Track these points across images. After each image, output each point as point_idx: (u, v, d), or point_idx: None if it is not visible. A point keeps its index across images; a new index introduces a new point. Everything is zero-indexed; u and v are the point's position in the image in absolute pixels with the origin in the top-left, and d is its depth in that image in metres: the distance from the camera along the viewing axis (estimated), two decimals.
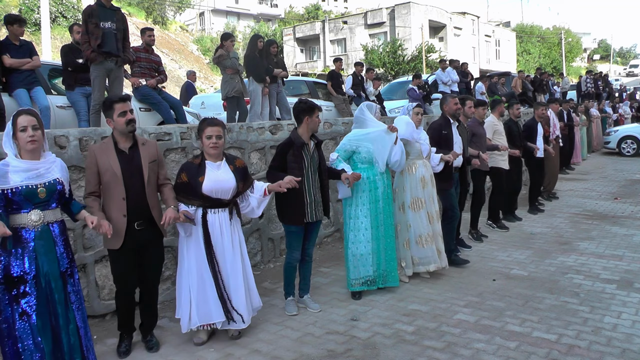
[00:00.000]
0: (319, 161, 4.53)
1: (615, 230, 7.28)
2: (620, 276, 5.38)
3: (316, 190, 4.47)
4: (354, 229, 4.86)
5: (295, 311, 4.57)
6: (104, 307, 4.54)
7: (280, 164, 4.36)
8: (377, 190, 4.88)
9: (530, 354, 3.74)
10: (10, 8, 21.80)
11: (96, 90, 5.86)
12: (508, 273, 5.56)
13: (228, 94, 7.75)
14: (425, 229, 5.34)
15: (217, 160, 3.97)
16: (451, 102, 5.87)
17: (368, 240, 4.84)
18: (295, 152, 4.35)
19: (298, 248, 4.54)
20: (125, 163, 3.64)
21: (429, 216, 5.40)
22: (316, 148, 4.53)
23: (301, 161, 4.35)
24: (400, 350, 3.84)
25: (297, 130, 4.47)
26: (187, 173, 3.90)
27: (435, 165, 5.60)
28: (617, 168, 13.68)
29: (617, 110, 19.22)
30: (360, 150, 4.86)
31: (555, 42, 48.47)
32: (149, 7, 32.67)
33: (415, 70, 26.91)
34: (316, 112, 4.43)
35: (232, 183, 3.95)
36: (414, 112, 5.53)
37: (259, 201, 4.13)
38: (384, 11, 35.70)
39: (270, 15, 48.58)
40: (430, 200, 5.44)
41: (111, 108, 3.60)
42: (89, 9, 5.82)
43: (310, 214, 4.44)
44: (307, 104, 4.47)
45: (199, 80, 29.04)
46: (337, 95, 10.70)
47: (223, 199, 3.94)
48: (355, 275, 4.87)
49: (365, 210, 4.84)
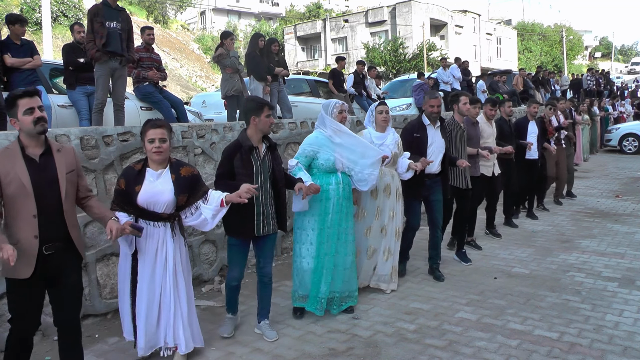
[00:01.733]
0: (272, 167, 3.97)
1: (616, 228, 7.27)
2: (621, 274, 5.37)
3: (268, 200, 3.94)
4: (299, 241, 4.39)
5: (228, 333, 4.09)
6: (105, 305, 4.55)
7: (228, 171, 3.85)
8: (329, 201, 4.32)
9: (531, 352, 3.73)
10: (11, 7, 21.81)
11: (100, 90, 5.88)
12: (509, 271, 5.55)
13: (227, 93, 7.75)
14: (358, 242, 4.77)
15: (160, 167, 3.48)
16: (427, 103, 5.24)
17: (312, 256, 4.32)
18: (243, 156, 3.83)
19: (240, 265, 4.02)
20: (36, 173, 2.92)
21: (372, 230, 4.89)
22: (269, 152, 3.99)
23: (250, 167, 3.83)
24: (402, 349, 3.84)
25: (245, 131, 3.95)
26: (126, 180, 3.46)
27: (402, 173, 5.01)
28: (618, 166, 13.67)
29: (617, 108, 19.13)
30: (319, 156, 4.36)
31: (557, 40, 48.38)
32: (150, 5, 32.71)
33: (416, 68, 26.92)
34: (265, 110, 3.87)
35: (169, 196, 3.44)
36: (377, 112, 4.93)
37: (214, 213, 3.60)
38: (385, 9, 35.68)
39: (271, 13, 48.55)
40: (380, 213, 4.90)
41: (14, 105, 2.91)
42: (95, 8, 5.86)
43: (260, 227, 3.90)
44: (254, 102, 4.01)
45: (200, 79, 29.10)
46: (338, 93, 10.69)
47: (160, 213, 3.47)
48: (295, 290, 4.46)
49: (313, 222, 4.34)
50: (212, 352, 3.86)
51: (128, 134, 4.80)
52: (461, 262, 5.87)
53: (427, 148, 5.14)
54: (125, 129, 4.85)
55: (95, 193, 4.50)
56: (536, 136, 7.71)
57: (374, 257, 4.95)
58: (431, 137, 5.18)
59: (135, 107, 6.63)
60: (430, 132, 5.18)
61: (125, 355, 3.87)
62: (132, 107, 6.51)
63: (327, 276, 4.32)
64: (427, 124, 5.18)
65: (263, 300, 4.17)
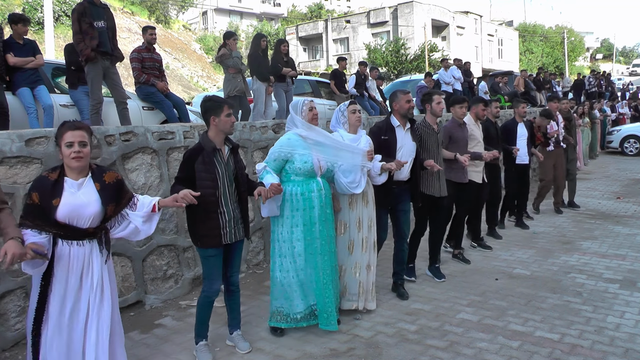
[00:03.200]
0: (236, 170, 3.72)
1: (618, 230, 7.27)
2: (623, 276, 5.37)
3: (235, 206, 3.68)
4: (282, 254, 4.05)
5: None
6: None
7: (187, 175, 3.53)
8: (314, 210, 4.02)
9: (532, 354, 3.73)
10: (13, 7, 21.85)
11: (95, 89, 5.85)
12: (511, 272, 5.55)
13: (230, 93, 7.76)
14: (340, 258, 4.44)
15: (80, 176, 2.98)
16: (402, 99, 4.69)
17: (301, 269, 4.02)
18: (206, 159, 3.55)
19: (219, 277, 3.70)
20: None
21: (355, 243, 4.45)
22: (232, 154, 3.74)
23: (214, 170, 3.56)
24: (403, 350, 3.84)
25: (207, 133, 3.67)
26: (40, 192, 2.88)
27: (375, 176, 4.52)
28: (619, 167, 13.67)
29: (617, 110, 19.07)
30: (295, 159, 4.00)
31: (558, 41, 48.38)
32: (152, 6, 32.72)
33: (418, 69, 26.96)
34: (225, 110, 3.60)
35: (95, 207, 2.96)
36: (350, 111, 4.44)
37: (144, 219, 3.20)
38: (386, 10, 35.72)
39: (273, 14, 48.58)
40: (361, 224, 4.45)
41: None
42: (81, 8, 5.76)
43: (229, 234, 3.63)
44: (212, 101, 3.69)
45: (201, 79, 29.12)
46: (340, 94, 10.70)
47: (85, 228, 2.97)
48: (278, 308, 4.11)
49: (298, 233, 4.01)
50: (214, 352, 3.86)
51: (130, 133, 4.81)
52: (434, 277, 5.39)
53: (397, 152, 4.67)
54: (127, 128, 4.86)
55: None
56: (526, 139, 7.22)
57: (360, 274, 4.46)
58: (400, 139, 4.71)
59: (137, 107, 6.64)
60: (400, 134, 4.72)
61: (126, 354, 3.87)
62: (134, 107, 6.52)
63: (316, 289, 4.05)
64: (396, 126, 4.72)
65: (233, 311, 3.95)
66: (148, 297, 4.82)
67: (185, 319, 4.52)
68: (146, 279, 4.84)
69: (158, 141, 5.04)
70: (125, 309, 4.68)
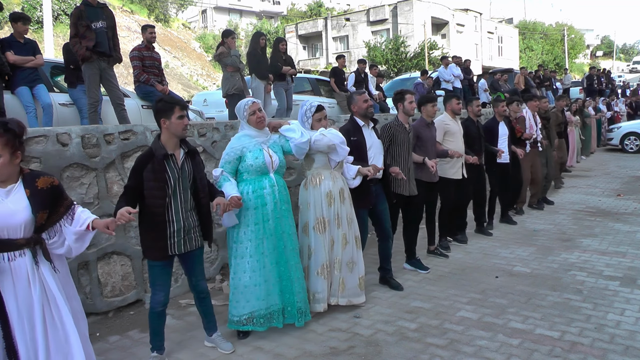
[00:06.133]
0: (193, 176, 3.50)
1: (618, 227, 7.26)
2: (623, 273, 5.36)
3: (189, 214, 3.48)
4: (237, 255, 3.95)
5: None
6: (106, 304, 4.56)
7: (136, 183, 3.32)
8: (266, 207, 3.92)
9: (533, 351, 3.73)
10: (13, 6, 21.82)
11: (92, 89, 5.84)
12: (511, 270, 5.55)
13: (228, 92, 7.76)
14: (324, 256, 4.33)
15: (8, 183, 2.73)
16: (359, 100, 4.72)
17: (254, 269, 3.89)
18: (157, 166, 3.31)
19: (163, 289, 3.52)
20: None
21: (335, 240, 4.39)
22: (188, 159, 3.50)
23: (163, 178, 3.33)
24: (403, 348, 3.84)
25: (159, 137, 3.43)
26: None
27: (349, 179, 4.53)
28: (620, 164, 13.65)
29: (613, 108, 19.00)
30: (246, 157, 3.91)
31: (558, 38, 48.33)
32: (151, 4, 32.69)
33: (418, 67, 26.93)
34: (176, 111, 3.35)
35: (24, 215, 2.71)
36: (315, 120, 4.34)
37: (76, 236, 2.88)
38: (386, 8, 35.68)
39: (272, 12, 48.53)
40: (340, 221, 4.38)
41: None
42: (78, 12, 5.78)
43: (176, 244, 3.44)
44: (162, 101, 3.44)
45: (201, 78, 29.11)
46: (339, 92, 10.70)
47: (15, 239, 2.72)
48: (237, 311, 3.95)
49: (249, 233, 3.90)
50: (214, 351, 3.86)
51: (129, 132, 4.80)
52: (416, 269, 5.51)
53: (367, 150, 4.71)
54: (127, 127, 4.86)
55: (96, 192, 4.51)
56: (507, 138, 7.08)
57: (342, 271, 4.43)
58: (368, 138, 4.75)
59: (136, 105, 6.64)
60: (367, 133, 4.76)
61: (126, 353, 3.88)
62: (133, 106, 6.52)
63: (274, 288, 3.96)
64: (361, 125, 4.75)
65: (207, 315, 3.86)
66: (148, 296, 4.82)
67: (185, 318, 4.52)
68: (146, 278, 4.83)
69: None
70: (125, 308, 4.69)
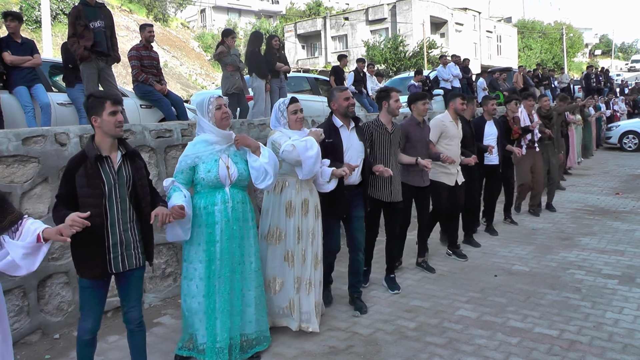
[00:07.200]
0: (133, 181, 3.04)
1: (617, 226, 7.27)
2: (622, 271, 5.37)
3: (128, 225, 3.02)
4: (187, 276, 3.56)
5: None
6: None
7: (68, 191, 2.90)
8: (215, 226, 3.47)
9: (531, 350, 3.73)
10: (10, 5, 21.79)
11: (90, 88, 5.82)
12: (509, 269, 5.55)
13: (228, 91, 7.75)
14: (273, 270, 3.99)
15: None
16: (340, 97, 4.30)
17: (202, 294, 3.48)
18: (89, 170, 2.89)
19: (94, 312, 3.03)
20: None
21: (294, 256, 3.97)
22: (127, 162, 3.06)
23: (98, 184, 2.89)
24: (402, 347, 3.84)
25: (92, 138, 3.01)
26: None
27: (324, 183, 4.10)
28: (618, 163, 13.67)
29: (611, 107, 18.98)
30: (199, 168, 3.49)
31: (557, 37, 48.32)
32: (150, 3, 32.63)
33: (417, 66, 26.90)
34: (107, 107, 2.92)
35: None
36: (290, 112, 4.01)
37: (26, 251, 2.57)
38: (385, 7, 35.67)
39: (271, 11, 48.48)
40: (301, 235, 3.97)
41: None
42: (75, 11, 5.75)
43: (117, 262, 2.99)
44: (92, 97, 3.03)
45: (200, 77, 29.08)
46: None
47: None
48: (186, 335, 3.64)
49: (200, 253, 3.48)
50: None
51: (127, 131, 4.79)
52: (388, 289, 4.97)
53: (344, 154, 4.27)
54: (125, 126, 4.82)
55: None
56: (495, 138, 6.65)
57: (299, 291, 4.00)
58: (346, 140, 4.31)
59: (134, 105, 6.62)
60: (345, 134, 4.32)
61: (125, 353, 3.86)
62: (131, 105, 6.50)
63: (223, 320, 3.49)
64: (339, 126, 4.33)
65: (135, 352, 3.28)
66: (147, 296, 4.81)
67: None
68: (145, 278, 4.82)
69: (156, 139, 5.03)
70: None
